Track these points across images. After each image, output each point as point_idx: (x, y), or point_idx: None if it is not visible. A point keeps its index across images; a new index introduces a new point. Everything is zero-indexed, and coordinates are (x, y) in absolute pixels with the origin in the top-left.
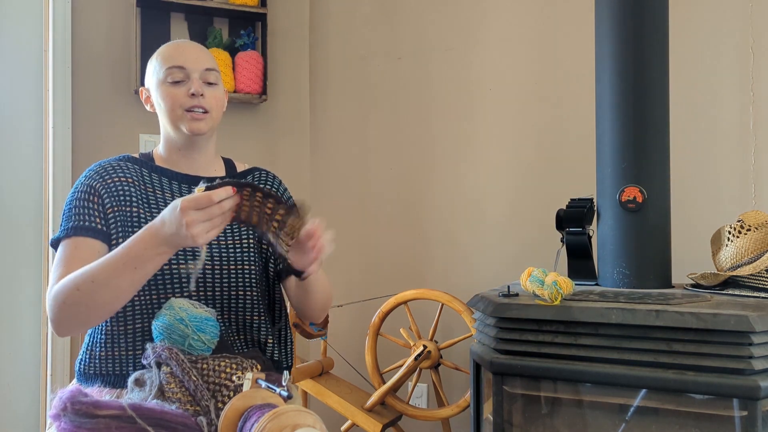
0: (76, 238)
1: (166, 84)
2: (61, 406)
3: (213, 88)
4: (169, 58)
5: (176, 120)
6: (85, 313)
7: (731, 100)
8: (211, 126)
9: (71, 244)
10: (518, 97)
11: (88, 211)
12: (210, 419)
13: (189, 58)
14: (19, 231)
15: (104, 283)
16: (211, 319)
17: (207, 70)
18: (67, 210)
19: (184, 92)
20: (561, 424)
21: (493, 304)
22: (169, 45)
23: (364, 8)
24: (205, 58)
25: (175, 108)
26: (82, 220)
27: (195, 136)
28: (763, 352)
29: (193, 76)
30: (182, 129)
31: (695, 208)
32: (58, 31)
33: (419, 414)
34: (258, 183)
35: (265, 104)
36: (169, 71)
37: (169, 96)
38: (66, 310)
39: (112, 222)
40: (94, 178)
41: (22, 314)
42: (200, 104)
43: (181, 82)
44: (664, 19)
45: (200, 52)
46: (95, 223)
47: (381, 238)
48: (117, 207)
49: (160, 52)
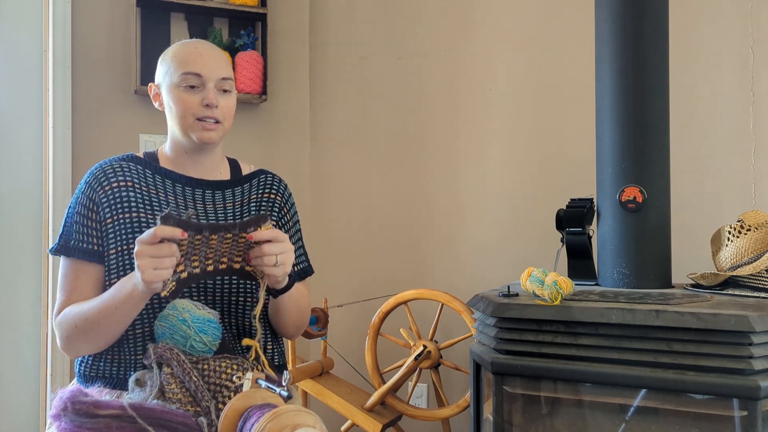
0: (76, 261)
1: (180, 89)
2: (61, 406)
3: (227, 96)
4: (185, 62)
5: (187, 127)
6: (86, 344)
7: (731, 100)
8: (222, 135)
9: (72, 268)
10: (518, 97)
11: (87, 230)
12: (210, 420)
13: (207, 65)
14: (19, 231)
15: (95, 321)
16: (214, 320)
17: (223, 80)
18: (69, 221)
19: (198, 100)
20: (561, 424)
21: (493, 304)
22: (187, 45)
23: (364, 8)
24: (222, 66)
25: (187, 115)
26: (81, 240)
27: (204, 144)
28: (763, 352)
29: (208, 85)
30: (192, 137)
31: (695, 208)
32: (58, 31)
33: (419, 414)
34: (263, 186)
35: (265, 104)
36: (184, 77)
37: (182, 102)
38: (70, 342)
39: (111, 232)
40: (94, 187)
41: (22, 314)
42: (213, 115)
43: (196, 88)
44: (664, 19)
45: (218, 59)
46: (92, 244)
47: (381, 238)
48: (116, 215)
49: (177, 52)
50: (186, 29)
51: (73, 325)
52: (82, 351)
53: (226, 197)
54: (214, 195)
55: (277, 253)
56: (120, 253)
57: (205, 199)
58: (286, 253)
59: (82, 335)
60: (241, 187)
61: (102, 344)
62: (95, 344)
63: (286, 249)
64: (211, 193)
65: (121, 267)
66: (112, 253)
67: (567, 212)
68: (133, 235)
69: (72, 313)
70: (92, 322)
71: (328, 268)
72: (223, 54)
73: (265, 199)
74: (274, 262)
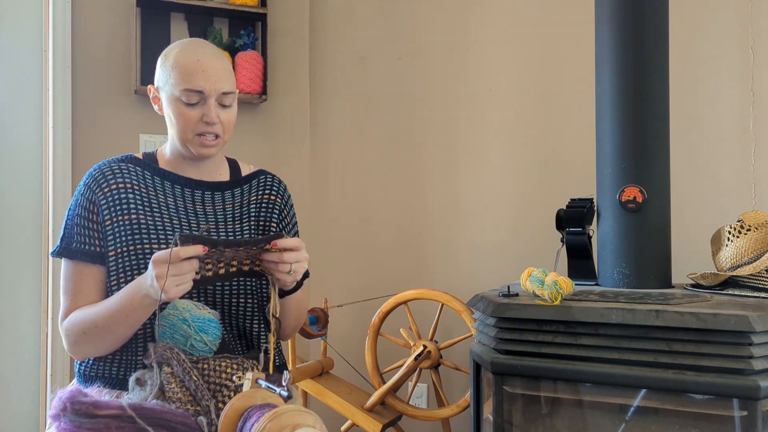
0: (78, 263)
1: (180, 102)
2: (61, 406)
3: (227, 110)
4: (187, 77)
5: (186, 141)
6: (94, 348)
7: (731, 100)
8: (221, 147)
9: (75, 271)
10: (518, 97)
11: (88, 232)
12: (210, 419)
13: (209, 80)
14: (19, 231)
15: (104, 327)
16: (214, 320)
17: (224, 94)
18: (70, 224)
19: (198, 116)
20: (561, 424)
21: (493, 304)
22: (188, 54)
23: (364, 8)
24: (224, 79)
25: (187, 131)
26: (83, 242)
27: (202, 157)
28: (763, 352)
29: (209, 101)
30: (191, 150)
31: (695, 208)
32: (58, 31)
33: (419, 414)
34: (263, 187)
35: (265, 104)
36: (185, 93)
37: (182, 117)
38: (78, 346)
39: (110, 234)
40: (93, 189)
41: (22, 314)
42: (213, 131)
43: (196, 104)
44: (664, 19)
45: (221, 71)
46: (94, 246)
47: (381, 238)
48: (116, 217)
49: (178, 61)
50: (186, 29)
51: (82, 332)
52: (90, 354)
53: (226, 198)
54: (214, 196)
55: (293, 261)
56: (119, 255)
57: (205, 200)
58: (301, 262)
59: (91, 341)
60: (241, 188)
61: (111, 348)
62: (104, 348)
63: (301, 258)
64: (211, 194)
65: (121, 269)
66: (111, 255)
67: (567, 212)
68: (133, 237)
69: (79, 319)
70: (102, 329)
71: (328, 268)
72: (225, 61)
73: (265, 200)
74: (288, 269)
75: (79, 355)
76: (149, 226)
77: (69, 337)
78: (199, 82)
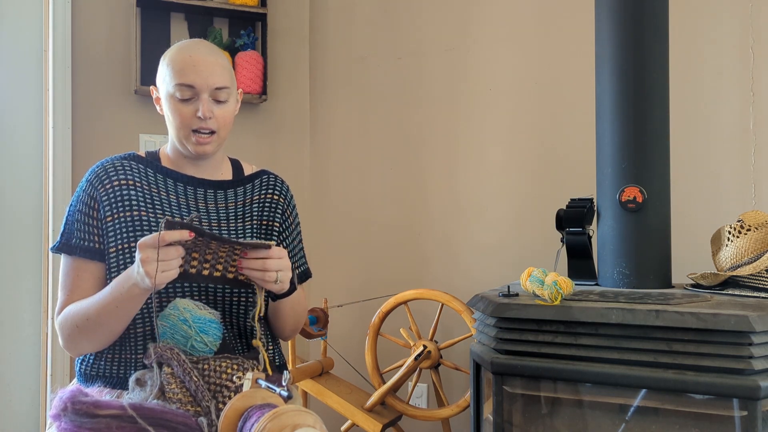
0: (77, 259)
1: (174, 99)
2: (61, 406)
3: (222, 106)
4: (180, 72)
5: (182, 138)
6: (88, 343)
7: (731, 100)
8: (218, 145)
9: (73, 266)
10: (518, 97)
11: (88, 228)
12: (210, 420)
13: (200, 75)
14: (19, 230)
15: (96, 321)
16: (215, 321)
17: (217, 89)
18: (71, 220)
19: (192, 112)
20: (561, 424)
21: (493, 304)
22: (182, 51)
23: (364, 8)
24: (217, 74)
25: (182, 127)
26: (83, 238)
27: (200, 155)
28: (763, 352)
29: (202, 96)
30: (188, 147)
31: (695, 208)
32: (58, 31)
33: (419, 414)
34: (265, 187)
35: (265, 104)
36: (178, 88)
37: (177, 113)
38: (72, 340)
39: (111, 230)
40: (95, 185)
41: (22, 314)
42: (207, 126)
43: (190, 99)
44: (664, 19)
45: (214, 66)
46: (93, 243)
47: (381, 239)
48: (117, 213)
49: (173, 59)
50: (186, 29)
51: (74, 325)
52: (84, 349)
53: (228, 197)
54: (216, 195)
55: (278, 269)
56: (120, 251)
57: (207, 198)
58: (284, 271)
59: (84, 334)
60: (243, 187)
61: (104, 342)
62: (97, 342)
63: (284, 267)
64: (213, 192)
65: (122, 265)
66: (112, 252)
67: (567, 212)
68: (134, 234)
69: (72, 313)
70: (93, 322)
71: (328, 268)
72: (222, 57)
73: (268, 200)
74: (274, 278)
75: (74, 351)
76: (151, 223)
77: (63, 331)
78: (190, 77)
